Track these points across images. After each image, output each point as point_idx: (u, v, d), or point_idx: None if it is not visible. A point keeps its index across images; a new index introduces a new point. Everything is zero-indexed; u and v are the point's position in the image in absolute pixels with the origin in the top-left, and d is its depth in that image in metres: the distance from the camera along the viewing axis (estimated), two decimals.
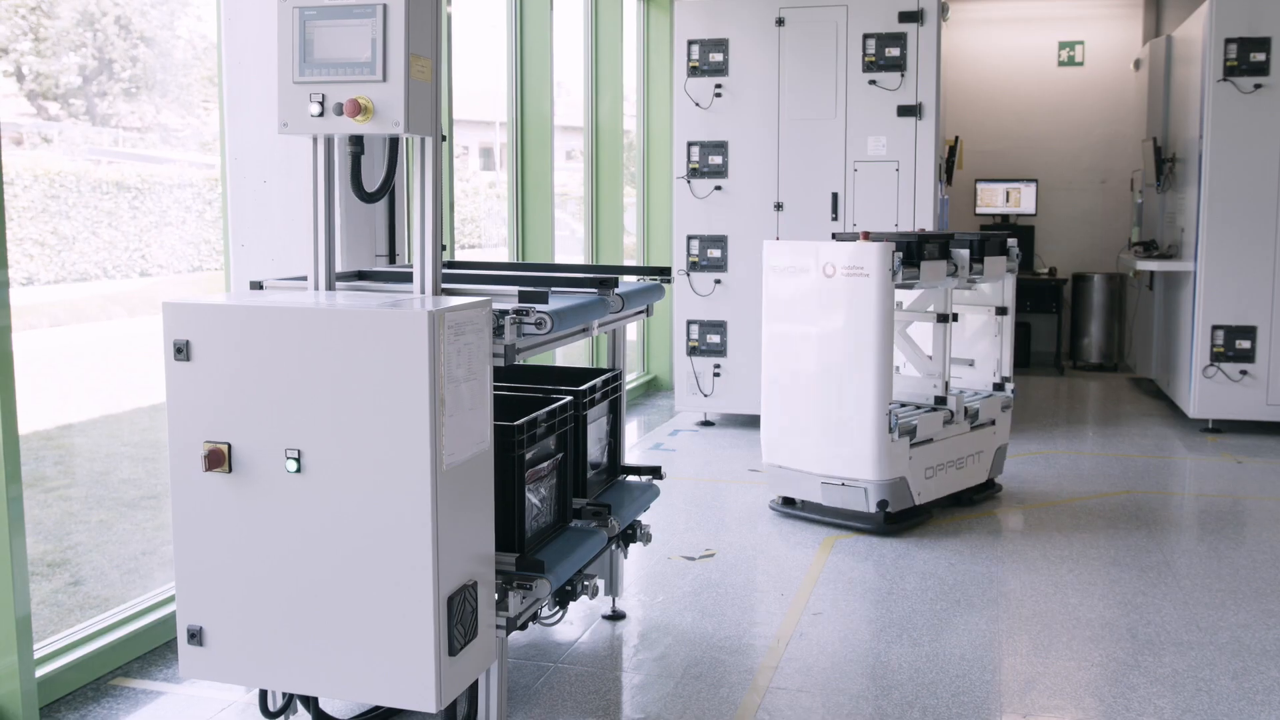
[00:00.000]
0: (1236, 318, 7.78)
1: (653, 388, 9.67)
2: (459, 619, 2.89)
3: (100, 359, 5.45)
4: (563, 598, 3.64)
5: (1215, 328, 7.82)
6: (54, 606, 4.54)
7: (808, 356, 5.56)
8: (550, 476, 3.54)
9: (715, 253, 7.95)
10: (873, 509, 5.47)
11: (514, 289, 3.20)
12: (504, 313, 3.03)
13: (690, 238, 8.01)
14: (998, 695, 3.78)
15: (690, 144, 7.95)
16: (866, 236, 5.47)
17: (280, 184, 4.20)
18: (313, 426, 2.83)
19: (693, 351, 8.08)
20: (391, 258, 4.36)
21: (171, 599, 4.19)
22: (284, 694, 3.34)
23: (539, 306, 3.11)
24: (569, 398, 3.64)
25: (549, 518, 3.56)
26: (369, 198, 3.16)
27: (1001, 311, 6.34)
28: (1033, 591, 4.78)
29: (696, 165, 7.95)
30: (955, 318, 5.90)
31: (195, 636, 3.01)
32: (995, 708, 3.69)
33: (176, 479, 2.97)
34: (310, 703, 3.29)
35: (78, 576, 4.93)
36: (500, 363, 3.04)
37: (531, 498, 3.40)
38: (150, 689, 3.79)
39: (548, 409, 3.46)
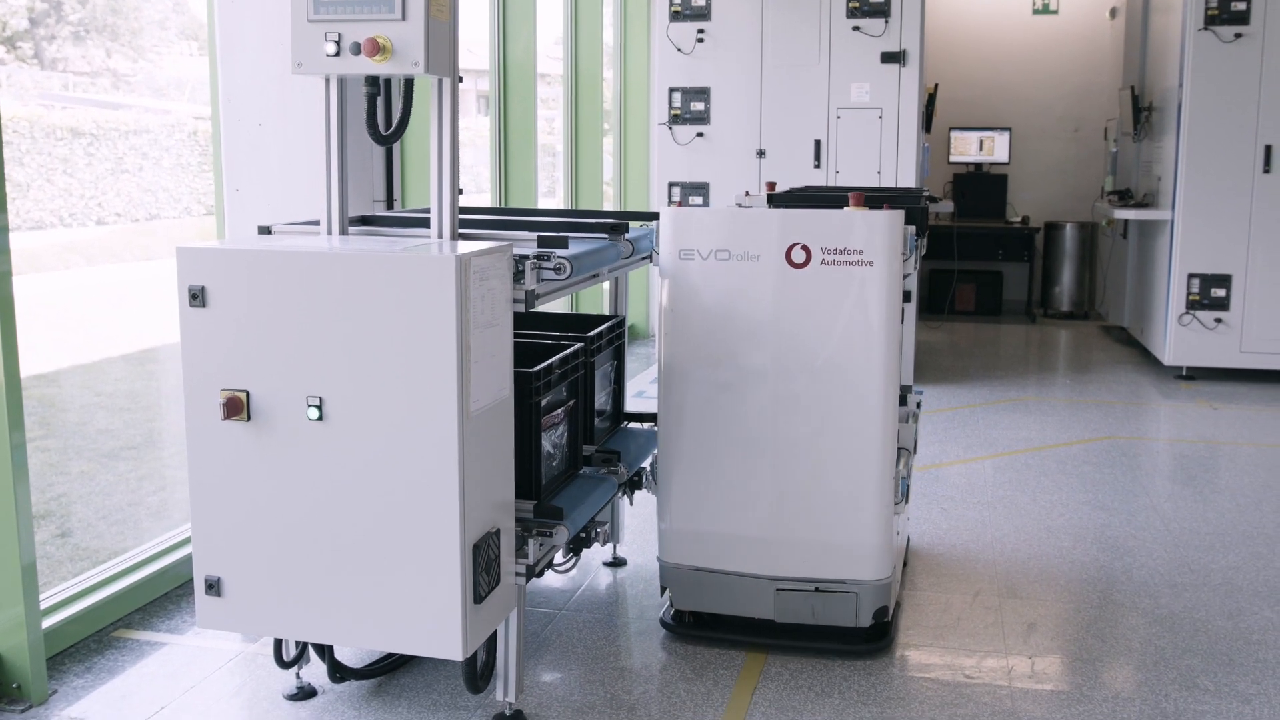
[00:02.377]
0: (1212, 266, 7.87)
1: (630, 335, 9.65)
2: (483, 566, 2.87)
3: (64, 309, 5.34)
4: (576, 545, 3.63)
5: (1191, 276, 7.90)
6: (43, 559, 4.47)
7: (755, 400, 3.58)
8: (562, 423, 3.51)
9: (697, 200, 7.90)
10: (865, 621, 3.65)
11: (532, 234, 3.16)
12: (524, 258, 2.99)
13: (672, 185, 7.96)
14: (1001, 637, 3.83)
15: (672, 90, 7.88)
16: (860, 201, 3.52)
17: (276, 127, 4.11)
18: (334, 373, 2.78)
19: None
20: (389, 203, 4.29)
21: (170, 549, 4.16)
22: (298, 644, 3.32)
23: (559, 252, 3.07)
24: (579, 344, 3.61)
25: (561, 465, 3.54)
26: (384, 140, 3.09)
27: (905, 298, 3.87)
28: (1026, 537, 4.84)
29: (678, 111, 7.88)
30: (909, 298, 3.85)
31: (213, 587, 2.97)
32: (1000, 649, 3.74)
33: (192, 427, 2.91)
34: (325, 652, 3.27)
35: (64, 528, 4.86)
36: (520, 308, 3.00)
37: (545, 444, 3.38)
38: (154, 640, 3.76)
39: (560, 355, 3.43)
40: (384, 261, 2.73)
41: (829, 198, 4.47)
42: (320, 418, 2.81)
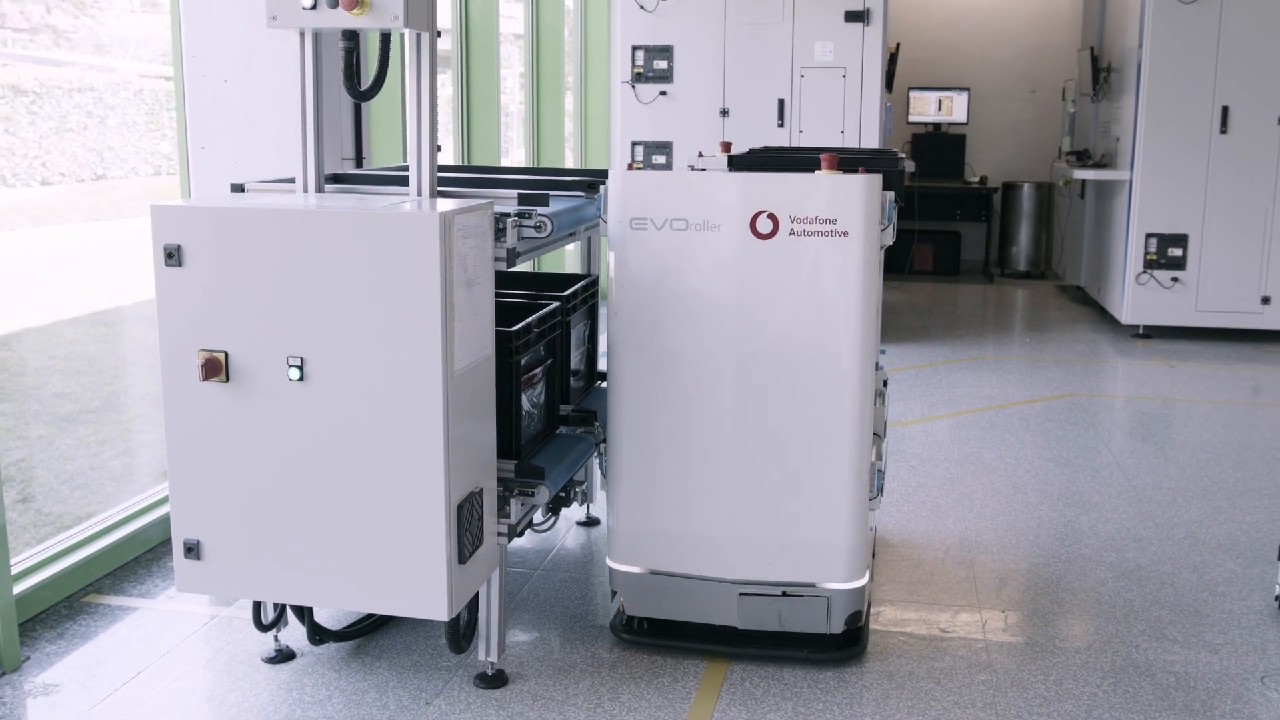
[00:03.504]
0: (1170, 226, 7.96)
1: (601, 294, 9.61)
2: (467, 527, 2.86)
3: (11, 271, 5.22)
4: (556, 505, 3.62)
5: (1149, 235, 7.99)
6: (7, 524, 4.40)
7: (715, 386, 3.24)
8: (540, 383, 3.50)
9: (660, 159, 7.86)
10: (837, 628, 3.33)
11: (512, 192, 3.13)
12: (505, 215, 2.96)
13: (635, 144, 7.91)
14: (974, 591, 3.88)
15: (635, 48, 7.81)
16: (834, 164, 3.16)
17: (242, 84, 4.03)
18: (316, 333, 2.74)
19: None
20: (358, 161, 4.23)
21: (139, 514, 4.11)
22: (275, 606, 3.29)
23: (540, 209, 3.04)
24: (556, 303, 3.59)
25: (539, 424, 3.52)
26: (362, 96, 3.03)
27: None
28: (994, 493, 4.89)
29: (641, 70, 7.82)
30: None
31: (192, 550, 2.93)
32: (974, 604, 3.79)
33: (169, 389, 2.86)
34: (305, 614, 3.25)
35: (26, 493, 4.78)
36: (502, 266, 2.98)
37: (524, 404, 3.36)
38: (125, 605, 3.71)
39: (538, 315, 3.40)
40: (367, 219, 2.69)
41: (796, 159, 4.17)
42: (301, 378, 2.77)
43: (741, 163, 4.20)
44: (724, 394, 3.24)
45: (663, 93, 7.81)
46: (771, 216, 3.12)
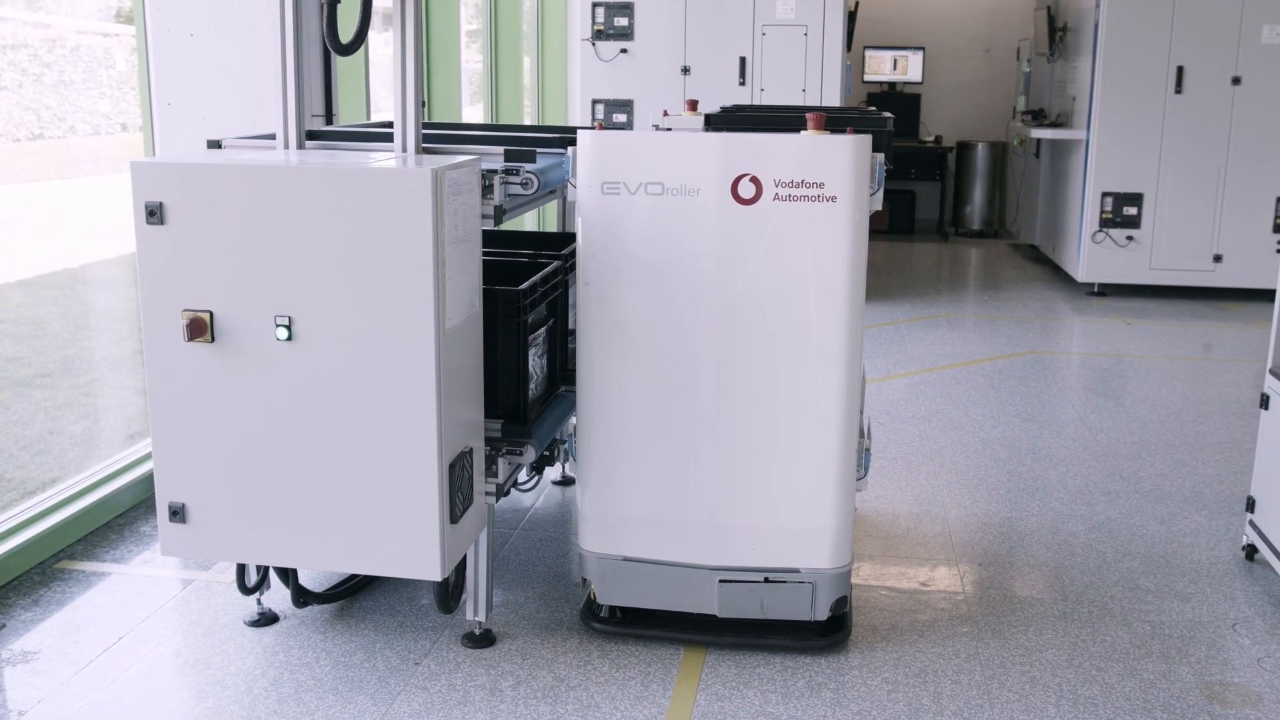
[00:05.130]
0: (1125, 185, 8.06)
1: None
2: (459, 486, 2.84)
3: None
4: (539, 464, 3.61)
5: (1105, 194, 8.09)
6: None
7: (694, 361, 3.05)
8: (543, 342, 3.46)
9: (621, 117, 7.82)
10: (822, 614, 3.20)
11: (497, 149, 3.08)
12: (492, 172, 2.92)
13: (595, 102, 7.85)
14: (948, 545, 3.93)
15: (595, 5, 7.75)
16: (821, 123, 3.00)
17: (209, 37, 3.93)
18: (304, 292, 2.70)
19: None
20: (328, 118, 4.15)
21: (109, 478, 4.05)
22: (258, 569, 3.26)
23: (527, 166, 3.01)
24: (557, 262, 3.55)
25: (542, 385, 3.49)
26: (344, 49, 2.97)
27: None
28: (963, 449, 4.95)
29: (601, 27, 7.75)
30: None
31: (177, 514, 2.89)
32: (949, 558, 3.84)
33: (152, 350, 2.80)
34: (289, 577, 3.22)
35: None
36: (489, 224, 2.94)
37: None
38: (99, 570, 3.66)
39: (542, 274, 3.36)
40: (358, 176, 2.64)
41: (777, 119, 3.98)
42: (289, 338, 2.73)
43: (720, 122, 4.05)
44: (703, 368, 3.05)
45: (623, 50, 7.76)
46: (754, 180, 2.92)
